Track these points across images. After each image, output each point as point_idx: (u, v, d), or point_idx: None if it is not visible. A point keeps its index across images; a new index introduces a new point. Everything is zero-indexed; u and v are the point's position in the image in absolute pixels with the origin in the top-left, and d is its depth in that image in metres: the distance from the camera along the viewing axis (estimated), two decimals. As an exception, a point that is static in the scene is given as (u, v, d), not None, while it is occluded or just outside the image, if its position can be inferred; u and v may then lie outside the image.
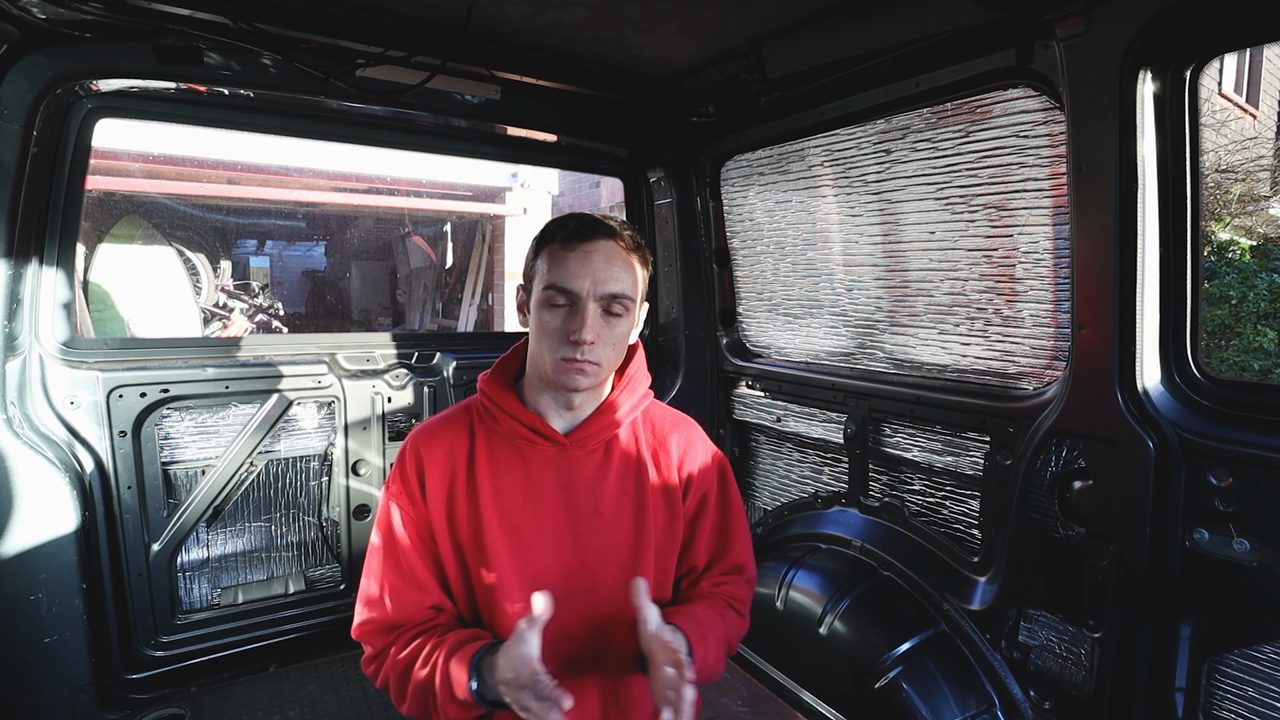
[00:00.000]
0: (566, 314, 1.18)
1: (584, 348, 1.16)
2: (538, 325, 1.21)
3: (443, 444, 1.27)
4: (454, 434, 1.29)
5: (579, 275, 1.17)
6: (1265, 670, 1.35)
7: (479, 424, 1.30)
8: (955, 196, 1.82)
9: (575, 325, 1.16)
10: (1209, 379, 1.42)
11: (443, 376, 2.45)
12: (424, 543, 1.26)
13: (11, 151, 1.67)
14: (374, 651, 1.24)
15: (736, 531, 1.41)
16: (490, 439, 1.28)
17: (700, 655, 1.18)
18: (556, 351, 1.18)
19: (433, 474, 1.25)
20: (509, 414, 1.26)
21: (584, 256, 1.18)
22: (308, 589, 2.33)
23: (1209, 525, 1.36)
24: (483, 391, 1.30)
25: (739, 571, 1.41)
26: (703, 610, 1.29)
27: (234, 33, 1.70)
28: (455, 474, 1.26)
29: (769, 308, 2.55)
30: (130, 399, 1.97)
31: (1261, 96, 10.09)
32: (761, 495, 2.70)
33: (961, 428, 1.90)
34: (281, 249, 11.11)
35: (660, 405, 1.44)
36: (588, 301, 1.17)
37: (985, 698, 1.73)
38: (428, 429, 1.30)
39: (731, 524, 1.41)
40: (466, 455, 1.27)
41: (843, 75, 1.92)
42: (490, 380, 1.31)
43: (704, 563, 1.39)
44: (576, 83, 2.16)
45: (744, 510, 1.45)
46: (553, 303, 1.19)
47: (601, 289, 1.17)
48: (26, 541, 1.77)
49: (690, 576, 1.39)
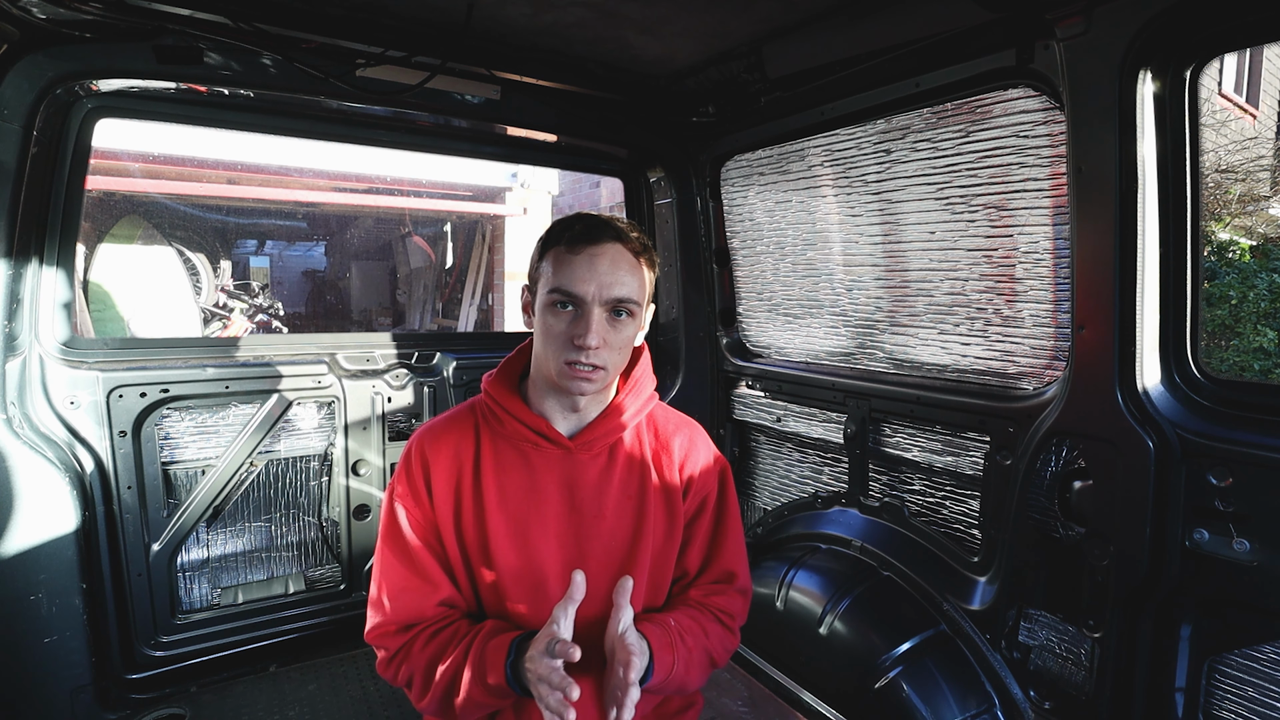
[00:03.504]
0: (571, 318, 1.17)
1: (588, 352, 1.15)
2: (542, 328, 1.20)
3: (448, 445, 1.27)
4: (459, 435, 1.28)
5: (585, 279, 1.16)
6: (1265, 670, 1.35)
7: (483, 425, 1.29)
8: (955, 196, 1.82)
9: (580, 330, 1.15)
10: (1209, 379, 1.42)
11: (443, 376, 2.45)
12: (431, 542, 1.26)
13: (11, 151, 1.67)
14: (390, 653, 1.22)
15: (730, 539, 1.40)
16: (495, 440, 1.27)
17: (663, 664, 1.17)
18: (561, 355, 1.17)
19: (439, 475, 1.24)
20: (514, 416, 1.26)
21: (590, 260, 1.17)
22: (308, 589, 2.33)
23: (1209, 525, 1.36)
24: (487, 393, 1.29)
25: (729, 580, 1.39)
26: (683, 619, 1.27)
27: (234, 33, 1.70)
28: (461, 475, 1.25)
29: (769, 308, 2.55)
30: (130, 399, 1.97)
31: (1261, 96, 10.09)
32: (761, 495, 2.70)
33: (961, 428, 1.90)
34: (281, 249, 11.11)
35: (665, 407, 1.43)
36: (593, 306, 1.16)
37: (985, 698, 1.73)
38: (433, 430, 1.29)
39: (726, 531, 1.40)
40: (472, 457, 1.27)
41: (843, 75, 1.92)
42: (494, 382, 1.30)
43: (696, 568, 1.38)
44: (576, 83, 2.16)
45: (740, 519, 1.44)
46: (558, 306, 1.18)
47: (607, 293, 1.16)
48: (26, 541, 1.77)
49: (682, 582, 1.38)
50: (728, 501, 1.40)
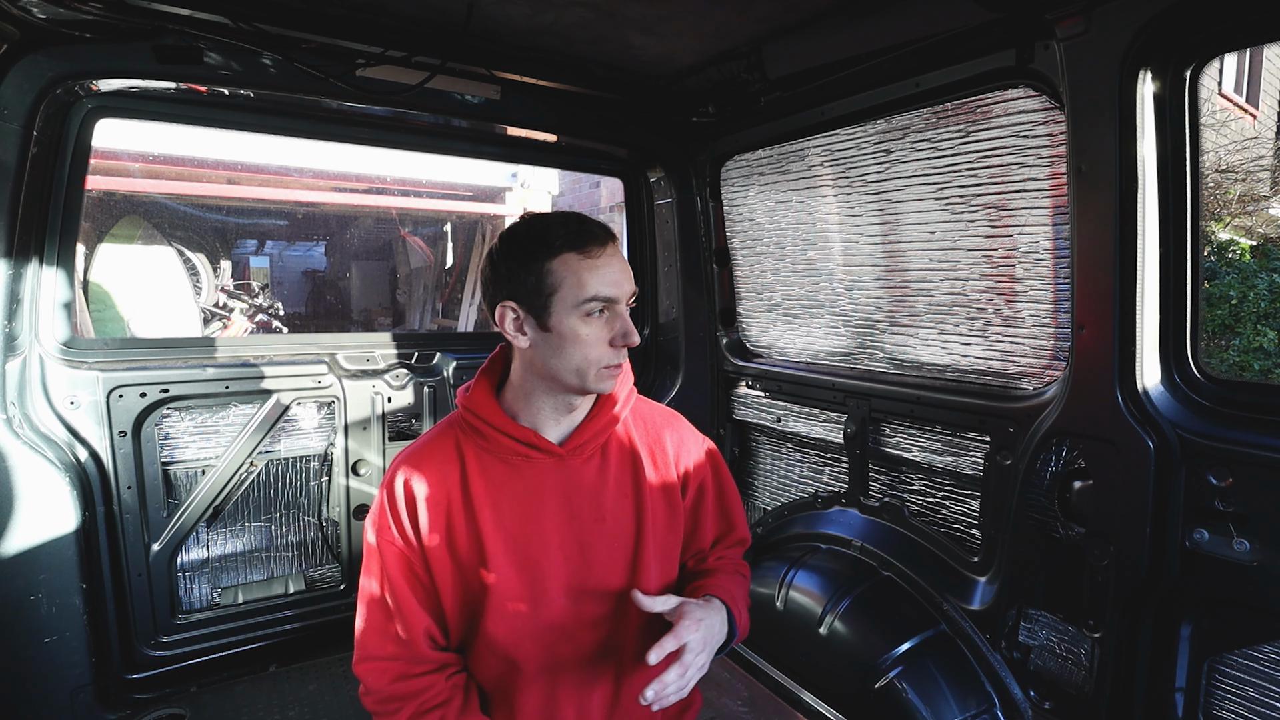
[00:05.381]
0: (605, 320, 1.16)
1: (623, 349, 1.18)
2: (573, 338, 1.15)
3: (432, 471, 1.21)
4: (442, 460, 1.23)
5: (617, 281, 1.16)
6: (1265, 670, 1.35)
7: (466, 442, 1.24)
8: (955, 196, 1.82)
9: (623, 329, 1.16)
10: (1209, 379, 1.42)
11: (443, 376, 2.44)
12: (416, 580, 1.21)
13: (11, 151, 1.67)
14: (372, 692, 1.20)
15: (735, 510, 1.48)
16: (481, 457, 1.23)
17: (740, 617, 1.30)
18: (600, 360, 1.17)
19: (424, 504, 1.19)
20: (499, 430, 1.22)
21: (610, 260, 1.16)
22: (308, 589, 2.33)
23: (1209, 525, 1.36)
24: (467, 409, 1.24)
25: (741, 544, 1.49)
26: (725, 580, 1.35)
27: (234, 33, 1.70)
28: (451, 501, 1.21)
29: (769, 308, 2.55)
30: (130, 399, 1.97)
31: (1261, 96, 10.09)
32: (761, 495, 2.70)
33: (961, 428, 1.90)
34: (281, 249, 11.10)
35: (644, 400, 1.43)
36: (622, 304, 1.17)
37: (985, 698, 1.73)
38: (413, 458, 1.23)
39: (730, 504, 1.47)
40: (459, 479, 1.22)
41: (843, 75, 1.91)
42: (473, 397, 1.25)
43: (710, 542, 1.45)
44: (576, 83, 2.16)
45: (736, 486, 1.50)
46: (596, 313, 1.15)
47: (629, 287, 1.18)
48: (26, 541, 1.77)
49: (697, 555, 1.43)
50: (723, 478, 1.46)
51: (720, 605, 1.24)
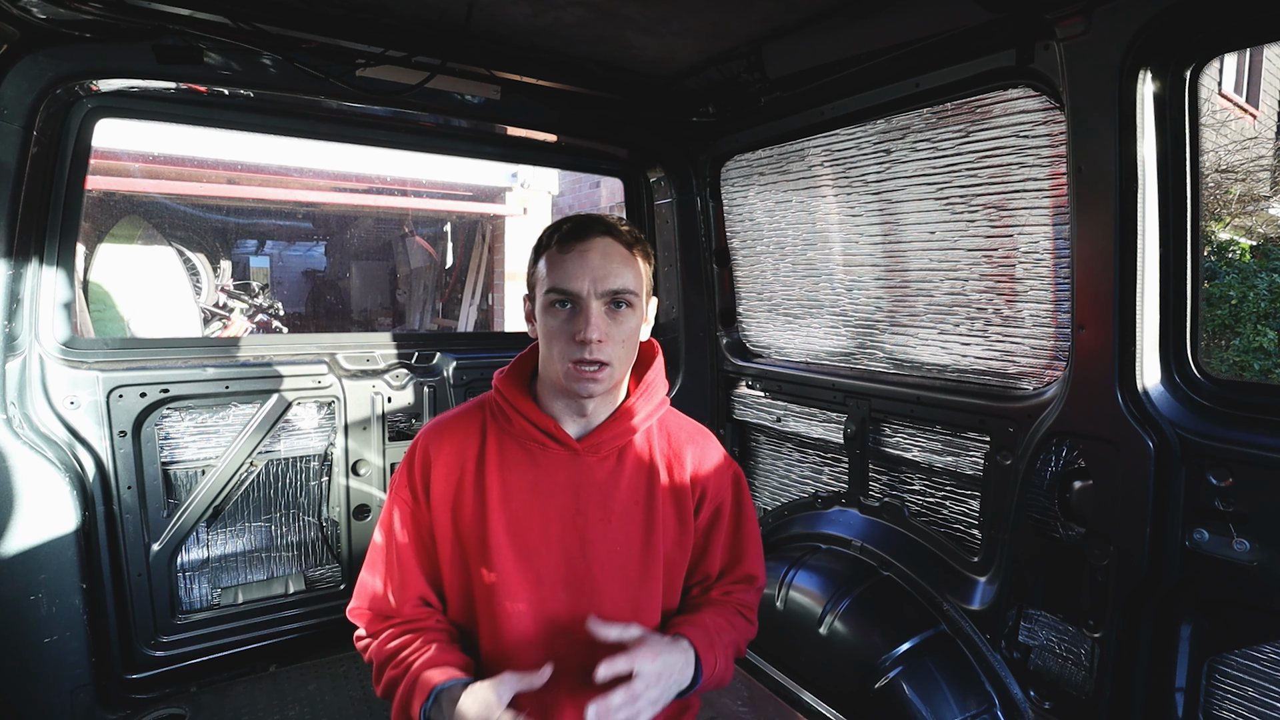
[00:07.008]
0: (569, 315, 1.18)
1: (591, 347, 1.15)
2: (544, 331, 1.21)
3: (453, 442, 1.27)
4: (465, 432, 1.28)
5: (578, 275, 1.16)
6: (1265, 670, 1.35)
7: (491, 423, 1.29)
8: (955, 196, 1.82)
9: (580, 325, 1.16)
10: (1209, 379, 1.42)
11: (443, 376, 2.44)
12: (420, 539, 1.27)
13: (11, 151, 1.67)
14: (364, 633, 1.29)
15: (750, 543, 1.42)
16: (502, 439, 1.27)
17: (709, 663, 1.22)
18: (566, 355, 1.17)
19: (439, 471, 1.25)
20: (523, 415, 1.26)
21: (581, 256, 1.17)
22: (308, 589, 2.33)
23: (1209, 525, 1.36)
24: (498, 390, 1.29)
25: (750, 581, 1.42)
26: (711, 617, 1.30)
27: (234, 33, 1.70)
28: (464, 472, 1.26)
29: (769, 308, 2.55)
30: (130, 399, 1.97)
31: (1261, 96, 10.10)
32: (761, 495, 2.70)
33: (961, 428, 1.90)
34: (281, 249, 11.10)
35: (677, 414, 1.43)
36: (590, 300, 1.16)
37: (985, 698, 1.73)
38: (439, 426, 1.30)
39: (745, 536, 1.41)
40: (476, 454, 1.27)
41: (843, 75, 1.92)
42: (506, 380, 1.30)
43: (717, 572, 1.40)
44: (576, 83, 2.16)
45: (757, 523, 1.46)
46: (556, 306, 1.18)
47: (602, 286, 1.17)
48: (26, 541, 1.77)
49: (702, 585, 1.40)
50: (744, 507, 1.41)
51: (688, 646, 1.20)
